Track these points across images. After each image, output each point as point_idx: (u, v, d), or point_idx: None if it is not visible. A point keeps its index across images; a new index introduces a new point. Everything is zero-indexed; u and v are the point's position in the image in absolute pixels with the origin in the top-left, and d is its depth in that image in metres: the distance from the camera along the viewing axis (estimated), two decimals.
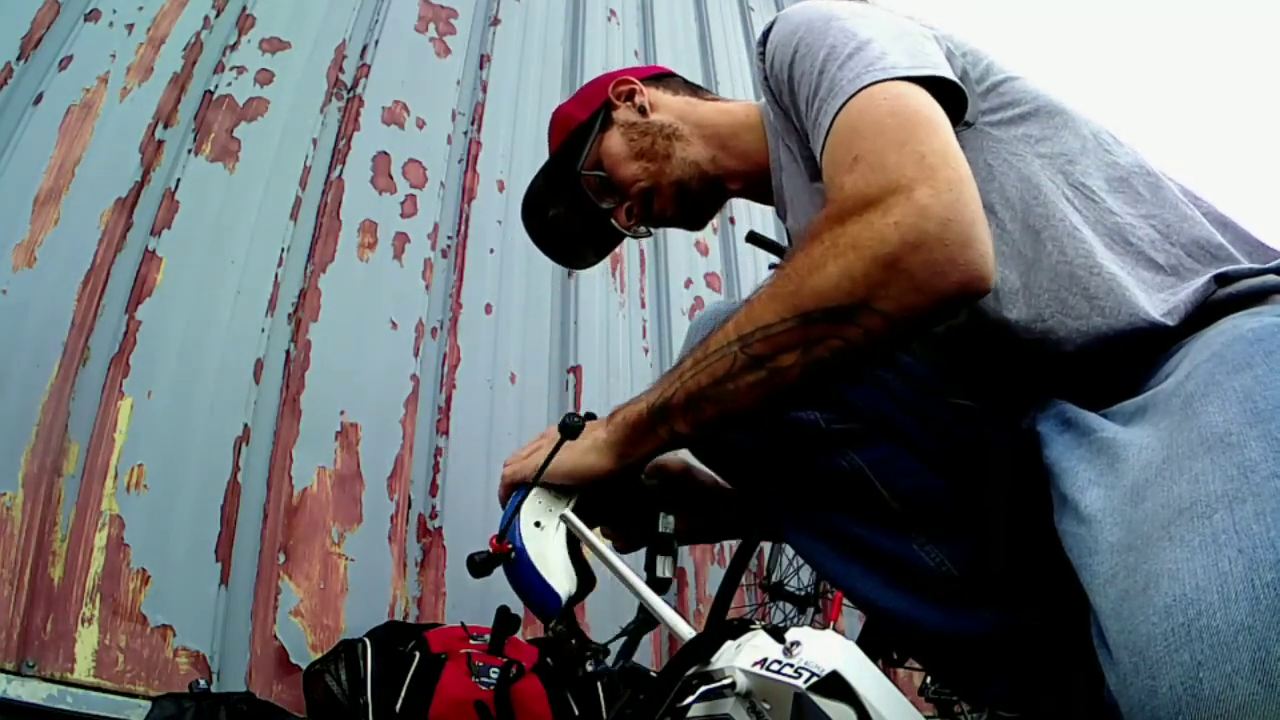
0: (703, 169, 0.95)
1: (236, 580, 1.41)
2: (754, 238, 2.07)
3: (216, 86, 1.77)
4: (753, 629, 0.55)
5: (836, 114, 0.67)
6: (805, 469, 0.78)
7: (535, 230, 1.13)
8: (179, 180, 1.64)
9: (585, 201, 1.04)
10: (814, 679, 0.48)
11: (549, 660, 1.39)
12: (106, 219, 1.52)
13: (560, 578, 0.76)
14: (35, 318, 1.38)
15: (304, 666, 1.37)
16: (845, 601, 2.17)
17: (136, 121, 1.63)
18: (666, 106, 0.99)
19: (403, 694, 1.22)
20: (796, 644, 0.51)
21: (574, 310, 2.17)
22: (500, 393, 1.92)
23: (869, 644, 1.68)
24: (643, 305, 2.35)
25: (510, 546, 0.75)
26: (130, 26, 1.70)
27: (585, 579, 0.80)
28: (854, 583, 0.78)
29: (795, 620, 2.00)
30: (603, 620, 1.81)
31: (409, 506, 1.66)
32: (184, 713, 1.13)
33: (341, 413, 1.64)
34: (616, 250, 2.34)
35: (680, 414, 0.72)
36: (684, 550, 2.10)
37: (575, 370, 2.08)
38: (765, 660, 0.51)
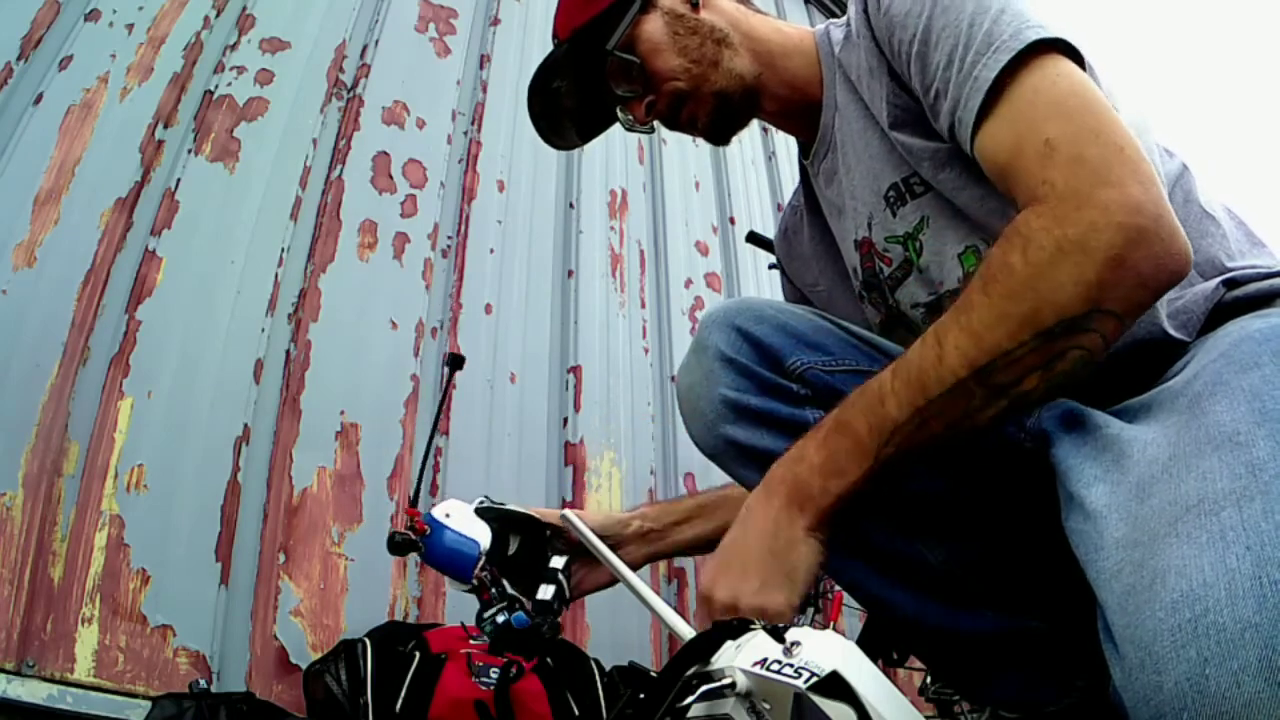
0: (746, 84, 0.88)
1: (236, 580, 1.41)
2: (754, 238, 2.07)
3: (216, 86, 1.77)
4: (752, 629, 0.55)
5: (1001, 71, 0.65)
6: None
7: (535, 101, 0.98)
8: (179, 180, 1.64)
9: (594, 81, 0.93)
10: (814, 679, 0.48)
11: (549, 660, 1.39)
12: (106, 219, 1.52)
13: (478, 532, 0.87)
14: (35, 318, 1.38)
15: (304, 666, 1.37)
16: (846, 601, 2.17)
17: (136, 121, 1.63)
18: (718, 8, 0.91)
19: (403, 694, 1.22)
20: (796, 644, 0.51)
21: (574, 310, 2.17)
22: (500, 393, 1.92)
23: (869, 644, 1.69)
24: (643, 305, 2.35)
25: (426, 527, 0.84)
26: (130, 26, 1.70)
27: (502, 539, 0.86)
28: (858, 578, 0.78)
29: (795, 620, 2.00)
30: (601, 618, 1.81)
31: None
32: (184, 713, 1.13)
33: (341, 413, 1.64)
34: (617, 250, 2.35)
35: (895, 471, 0.65)
36: None
37: (575, 370, 2.08)
38: (765, 660, 0.51)
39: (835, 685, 0.48)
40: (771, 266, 2.09)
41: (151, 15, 1.74)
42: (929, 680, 1.86)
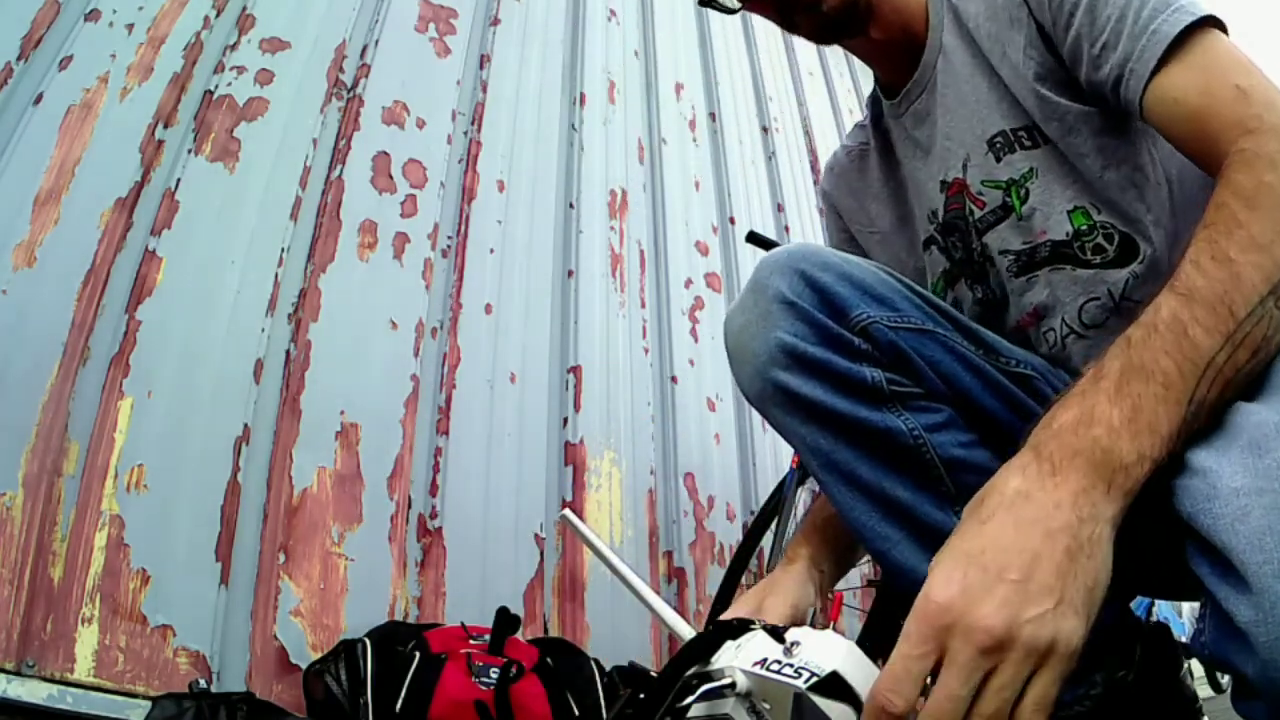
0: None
1: (236, 580, 1.41)
2: (754, 238, 2.08)
3: (216, 86, 1.77)
4: (752, 629, 0.55)
5: (1182, 30, 0.68)
6: (860, 424, 0.75)
7: None
8: (179, 180, 1.64)
9: None
10: (814, 679, 0.48)
11: (549, 660, 1.39)
12: (106, 219, 1.52)
13: None
14: (35, 318, 1.38)
15: (304, 666, 1.37)
16: (845, 602, 2.18)
17: (136, 121, 1.63)
18: None
19: (403, 694, 1.22)
20: (796, 644, 0.51)
21: (574, 310, 2.17)
22: (500, 393, 1.92)
23: (871, 643, 1.69)
24: (643, 305, 2.35)
25: None
26: (130, 26, 1.70)
27: None
28: (889, 547, 0.76)
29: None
30: (602, 618, 1.81)
31: (409, 506, 1.66)
32: (184, 713, 1.13)
33: (341, 413, 1.64)
34: (617, 250, 2.35)
35: (1209, 413, 0.54)
36: (684, 549, 2.10)
37: (575, 370, 2.08)
38: (765, 660, 0.51)
39: (836, 685, 0.47)
40: None
41: (151, 15, 1.74)
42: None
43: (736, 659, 0.53)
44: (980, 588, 0.46)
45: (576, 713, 1.32)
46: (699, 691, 0.52)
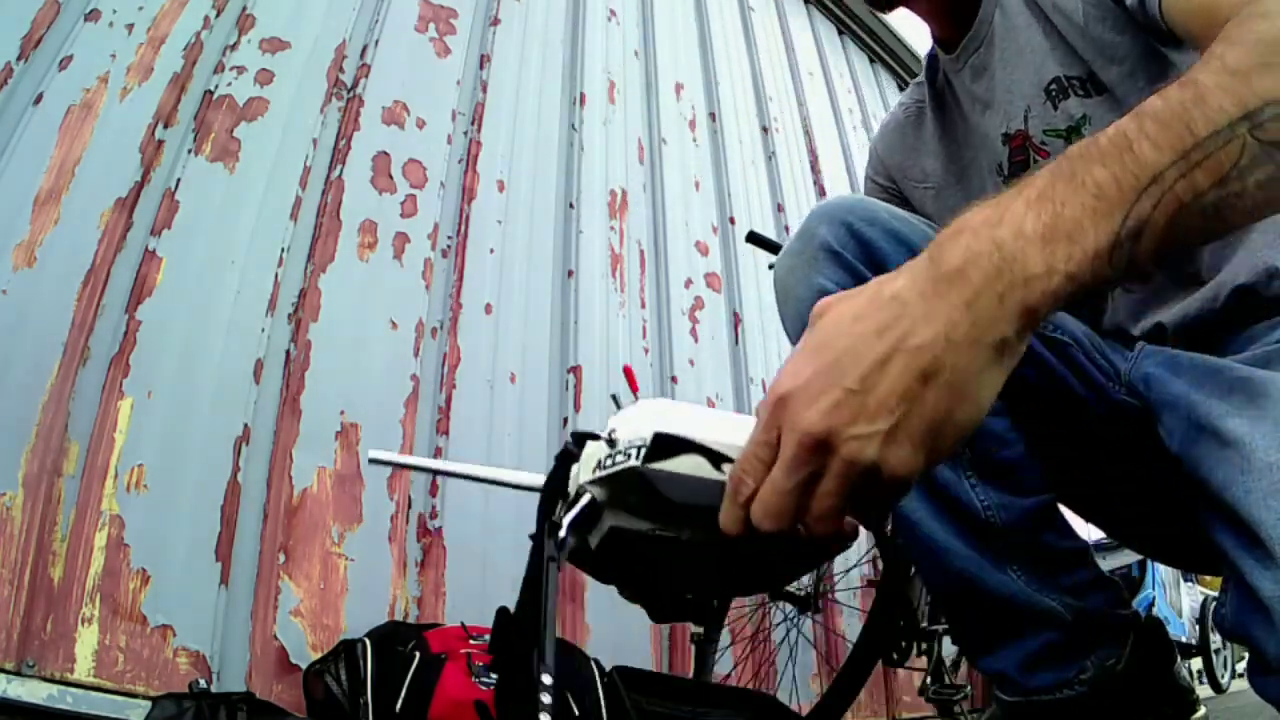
0: None
1: (236, 580, 1.41)
2: (754, 238, 2.07)
3: (216, 86, 1.77)
4: (589, 443, 0.53)
5: None
6: None
7: None
8: (179, 180, 1.64)
9: None
10: (642, 450, 0.47)
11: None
12: (106, 219, 1.52)
13: None
14: (35, 318, 1.38)
15: (304, 666, 1.37)
16: (844, 603, 2.17)
17: (136, 121, 1.63)
18: None
19: (403, 694, 1.22)
20: (613, 430, 0.50)
21: (574, 310, 2.17)
22: (500, 393, 1.92)
23: (870, 645, 1.68)
24: (643, 305, 2.35)
25: None
26: (130, 26, 1.70)
27: None
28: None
29: (796, 620, 2.00)
30: (602, 618, 1.81)
31: (409, 506, 1.66)
32: (184, 713, 1.13)
33: (341, 413, 1.64)
34: (617, 250, 2.35)
35: (1155, 239, 0.46)
36: None
37: (575, 370, 2.08)
38: (599, 462, 0.50)
39: (667, 444, 0.46)
40: (772, 266, 2.09)
41: (151, 15, 1.74)
42: (929, 680, 1.86)
43: (581, 476, 0.52)
44: (817, 388, 0.43)
45: (576, 713, 1.31)
46: (565, 522, 0.51)
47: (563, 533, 0.51)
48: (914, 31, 4.94)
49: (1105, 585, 0.77)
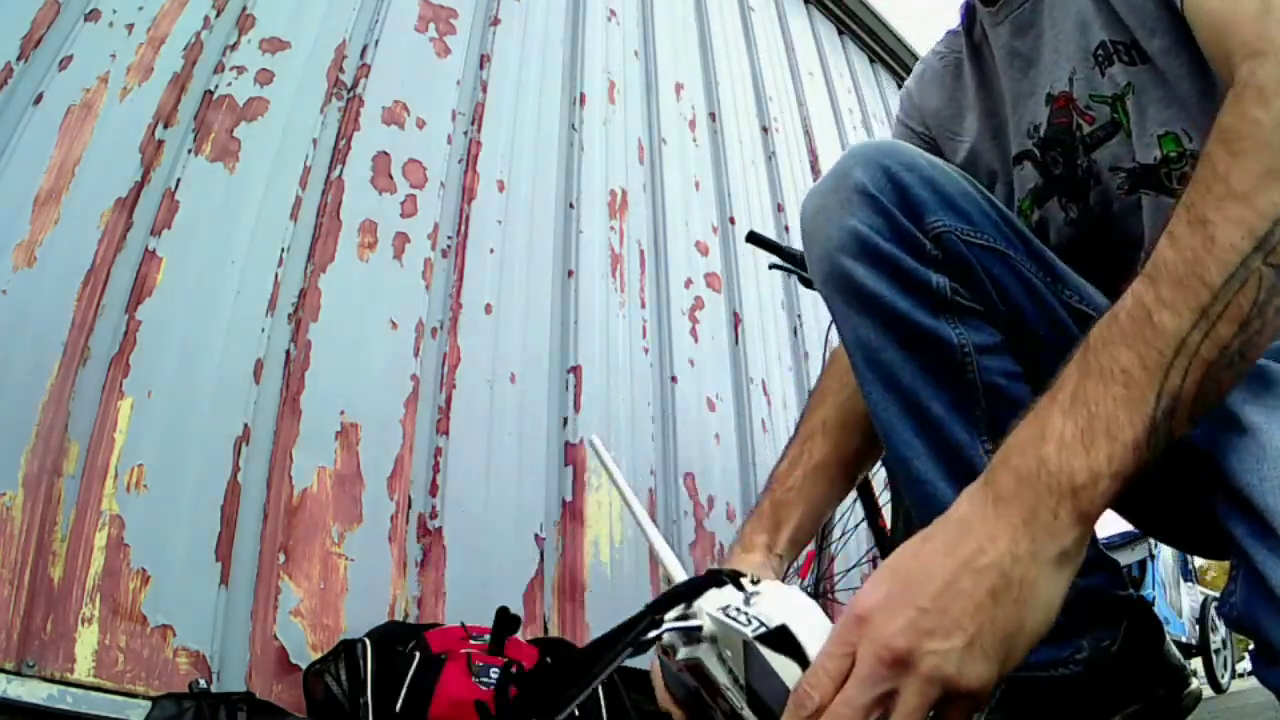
0: None
1: (236, 580, 1.41)
2: (754, 238, 2.07)
3: (216, 86, 1.77)
4: (753, 579, 0.55)
5: None
6: (914, 326, 0.73)
7: None
8: (179, 180, 1.64)
9: None
10: (762, 630, 0.49)
11: (549, 660, 1.39)
12: (106, 219, 1.52)
13: None
14: (35, 318, 1.38)
15: (304, 666, 1.37)
16: (839, 599, 2.17)
17: (136, 121, 1.63)
18: None
19: (403, 694, 1.22)
20: (756, 594, 0.52)
21: (574, 310, 2.17)
22: (500, 393, 1.92)
23: None
24: (643, 305, 2.35)
25: None
26: (130, 26, 1.70)
27: None
28: (912, 455, 0.74)
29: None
30: (601, 618, 1.81)
31: (409, 506, 1.66)
32: (184, 713, 1.13)
33: (341, 413, 1.64)
34: (617, 250, 2.35)
35: (1188, 409, 0.47)
36: (684, 549, 2.10)
37: (575, 370, 2.08)
38: (727, 606, 0.52)
39: (782, 639, 0.48)
40: (772, 266, 2.10)
41: (151, 15, 1.74)
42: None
43: (705, 604, 0.54)
44: (896, 606, 0.44)
45: (577, 713, 1.31)
46: (664, 627, 0.53)
47: (660, 630, 0.54)
48: (914, 31, 4.94)
49: (1105, 564, 0.76)
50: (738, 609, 0.51)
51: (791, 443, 0.90)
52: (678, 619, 0.54)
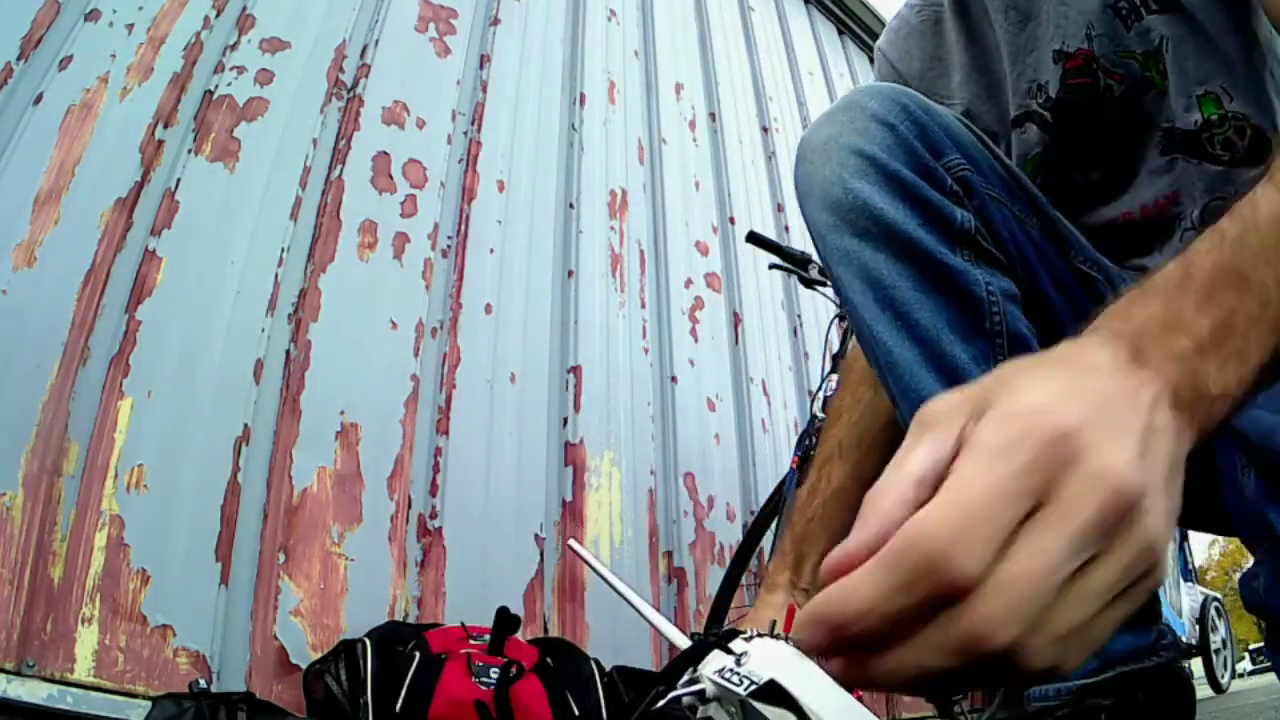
0: None
1: (236, 580, 1.41)
2: (754, 238, 2.07)
3: (216, 86, 1.77)
4: (745, 637, 0.60)
5: None
6: (937, 264, 0.66)
7: None
8: (179, 180, 1.64)
9: None
10: (754, 687, 0.53)
11: (549, 660, 1.39)
12: (106, 219, 1.52)
13: None
14: (35, 318, 1.38)
15: (304, 666, 1.37)
16: None
17: (136, 121, 1.63)
18: None
19: (403, 694, 1.22)
20: (745, 654, 0.57)
21: (574, 310, 2.17)
22: (500, 393, 1.92)
23: None
24: (643, 305, 2.35)
25: None
26: (130, 26, 1.70)
27: None
28: (920, 386, 0.66)
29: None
30: (601, 618, 1.81)
31: (409, 506, 1.66)
32: (184, 713, 1.13)
33: (341, 413, 1.64)
34: (617, 250, 2.35)
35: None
36: (684, 550, 2.10)
37: (575, 370, 2.08)
38: (723, 669, 0.57)
39: (774, 692, 0.53)
40: (772, 266, 2.10)
41: (151, 15, 1.74)
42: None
43: (707, 667, 0.59)
44: (1116, 425, 0.29)
45: (576, 713, 1.32)
46: (669, 696, 0.59)
47: (669, 697, 0.60)
48: None
49: None
50: (731, 670, 0.56)
51: (811, 465, 0.86)
52: (687, 683, 0.60)
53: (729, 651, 0.58)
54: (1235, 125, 0.71)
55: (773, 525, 1.86)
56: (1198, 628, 4.85)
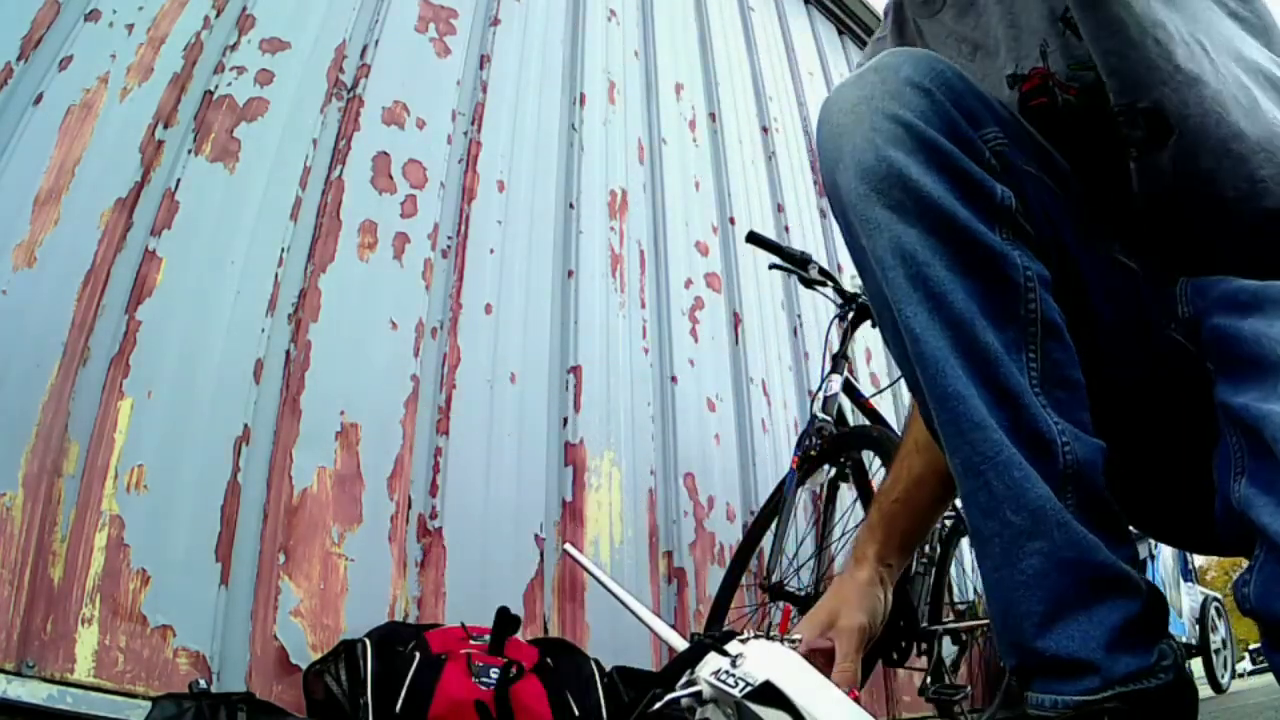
0: None
1: (236, 580, 1.41)
2: (754, 238, 2.07)
3: (216, 86, 1.77)
4: (741, 639, 0.61)
5: None
6: (975, 240, 0.63)
7: None
8: (179, 180, 1.64)
9: None
10: (749, 688, 0.55)
11: (549, 660, 1.39)
12: (106, 219, 1.52)
13: None
14: (35, 318, 1.38)
15: (304, 666, 1.37)
16: None
17: (136, 121, 1.63)
18: None
19: (403, 694, 1.22)
20: (740, 656, 0.59)
21: (574, 310, 2.17)
22: (500, 393, 1.92)
23: (875, 648, 1.68)
24: (643, 305, 2.35)
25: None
26: (130, 26, 1.70)
27: None
28: (947, 384, 0.63)
29: (795, 620, 2.00)
30: (601, 618, 1.81)
31: (409, 506, 1.66)
32: (184, 713, 1.13)
33: (341, 413, 1.64)
34: (617, 250, 2.35)
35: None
36: (684, 550, 2.10)
37: (575, 370, 2.08)
38: (719, 670, 0.59)
39: (769, 693, 0.54)
40: (772, 266, 2.10)
41: (151, 15, 1.74)
42: (929, 680, 1.86)
43: (703, 670, 0.61)
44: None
45: (576, 713, 1.32)
46: (665, 699, 0.61)
47: (665, 699, 0.62)
48: None
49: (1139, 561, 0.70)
50: (727, 672, 0.59)
51: (895, 457, 0.90)
52: (685, 684, 0.62)
53: (725, 653, 0.59)
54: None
55: (773, 525, 1.86)
56: (1198, 628, 4.85)
